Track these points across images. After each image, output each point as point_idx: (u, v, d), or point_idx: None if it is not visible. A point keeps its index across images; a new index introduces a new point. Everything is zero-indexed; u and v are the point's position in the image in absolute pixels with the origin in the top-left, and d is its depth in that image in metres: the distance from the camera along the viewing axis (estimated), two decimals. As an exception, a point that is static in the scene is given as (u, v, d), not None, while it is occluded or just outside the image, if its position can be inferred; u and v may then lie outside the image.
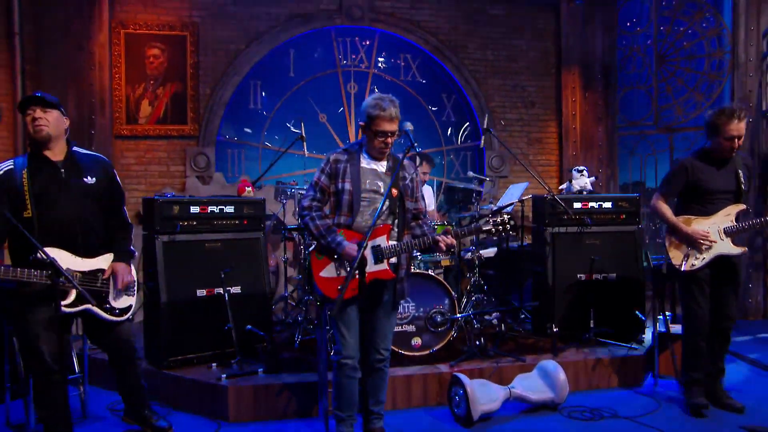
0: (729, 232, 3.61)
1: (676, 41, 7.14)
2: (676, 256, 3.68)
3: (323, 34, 6.79)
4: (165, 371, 3.90)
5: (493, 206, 5.20)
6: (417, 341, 4.16)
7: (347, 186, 3.01)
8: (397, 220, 3.07)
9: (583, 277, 4.59)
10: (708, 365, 3.71)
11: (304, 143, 5.15)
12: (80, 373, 3.75)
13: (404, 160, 3.05)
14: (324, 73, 6.87)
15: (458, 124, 7.32)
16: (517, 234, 5.56)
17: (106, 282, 3.09)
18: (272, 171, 5.32)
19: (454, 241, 3.01)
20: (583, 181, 4.93)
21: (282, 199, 5.58)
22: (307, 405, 3.71)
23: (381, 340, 3.12)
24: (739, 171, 3.63)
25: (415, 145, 3.04)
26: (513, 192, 5.49)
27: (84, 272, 3.01)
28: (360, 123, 3.08)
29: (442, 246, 3.00)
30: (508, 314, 4.89)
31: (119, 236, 3.21)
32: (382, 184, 3.06)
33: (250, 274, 4.26)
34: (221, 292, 4.02)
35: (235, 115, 6.62)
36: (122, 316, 3.17)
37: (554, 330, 4.28)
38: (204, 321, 4.04)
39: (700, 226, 3.64)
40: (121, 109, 6.07)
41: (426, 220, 3.25)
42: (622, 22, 7.36)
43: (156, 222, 3.98)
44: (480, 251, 5.05)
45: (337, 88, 6.92)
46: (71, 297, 2.96)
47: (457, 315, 4.23)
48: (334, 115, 6.90)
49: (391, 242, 3.01)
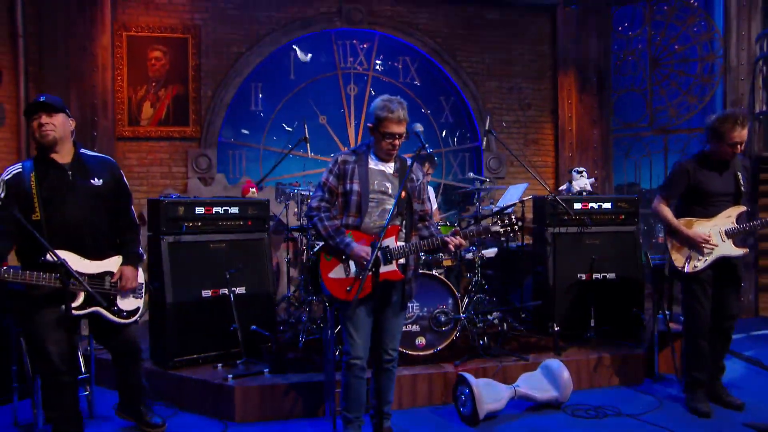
0: (730, 234, 3.64)
1: (669, 45, 7.24)
2: (679, 258, 3.69)
3: (323, 36, 6.83)
4: (171, 372, 3.90)
5: (494, 207, 5.24)
6: (421, 341, 4.18)
7: (355, 187, 3.00)
8: (405, 222, 3.07)
9: (584, 276, 4.64)
10: (710, 365, 3.73)
11: (308, 144, 5.16)
12: (87, 374, 3.74)
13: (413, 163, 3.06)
14: (324, 75, 6.91)
15: (456, 126, 7.38)
16: (517, 234, 5.60)
17: (115, 285, 3.09)
18: (272, 173, 5.35)
19: (463, 242, 3.01)
20: (583, 182, 4.98)
21: (283, 201, 5.59)
22: (313, 405, 3.72)
23: (390, 340, 3.13)
24: (738, 173, 3.66)
25: (426, 146, 3.05)
26: (512, 193, 5.52)
27: (92, 275, 3.01)
28: (368, 124, 3.07)
29: (451, 247, 2.99)
30: (509, 314, 4.94)
31: (128, 238, 3.21)
32: (389, 185, 3.07)
33: (255, 275, 4.28)
34: (226, 292, 4.03)
35: (236, 117, 6.64)
36: (130, 318, 3.17)
37: (556, 329, 4.32)
38: (209, 321, 4.05)
39: (701, 227, 3.66)
40: (123, 110, 6.07)
41: (432, 221, 3.26)
42: (616, 27, 7.48)
43: (161, 223, 3.99)
44: (481, 251, 5.09)
45: (337, 90, 6.96)
46: (80, 299, 2.96)
47: (461, 314, 4.26)
48: (334, 117, 6.94)
49: (400, 243, 3.01)
